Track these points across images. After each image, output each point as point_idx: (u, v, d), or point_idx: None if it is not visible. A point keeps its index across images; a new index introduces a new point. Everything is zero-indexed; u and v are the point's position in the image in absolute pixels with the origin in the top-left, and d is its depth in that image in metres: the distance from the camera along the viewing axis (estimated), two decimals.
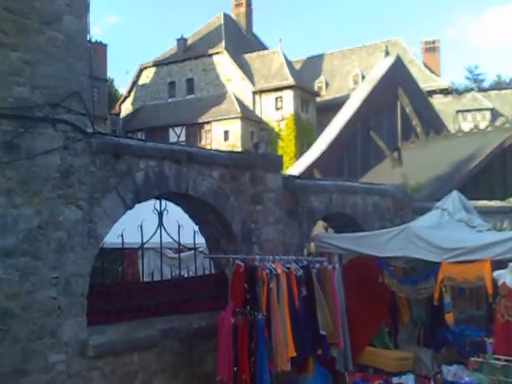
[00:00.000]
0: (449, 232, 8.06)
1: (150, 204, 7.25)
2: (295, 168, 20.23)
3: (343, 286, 8.26)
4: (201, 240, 8.23)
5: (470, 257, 7.26)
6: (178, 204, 7.69)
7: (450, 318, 10.11)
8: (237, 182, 7.65)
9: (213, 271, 8.31)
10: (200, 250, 8.45)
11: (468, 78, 53.32)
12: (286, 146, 37.64)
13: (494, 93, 43.71)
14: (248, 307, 6.68)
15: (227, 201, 7.51)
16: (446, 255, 7.44)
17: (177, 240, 7.70)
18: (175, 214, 7.70)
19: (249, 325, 6.59)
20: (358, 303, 8.43)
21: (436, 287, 7.75)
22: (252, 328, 6.56)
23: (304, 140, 36.52)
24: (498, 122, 23.55)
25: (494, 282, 7.49)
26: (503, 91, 44.41)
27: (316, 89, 43.42)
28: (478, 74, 53.54)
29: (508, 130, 16.47)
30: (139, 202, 6.64)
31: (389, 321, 9.18)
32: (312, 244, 9.67)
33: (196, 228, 8.03)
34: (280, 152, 36.94)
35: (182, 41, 43.33)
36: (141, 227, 7.15)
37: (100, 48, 41.03)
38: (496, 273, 7.38)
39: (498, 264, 7.78)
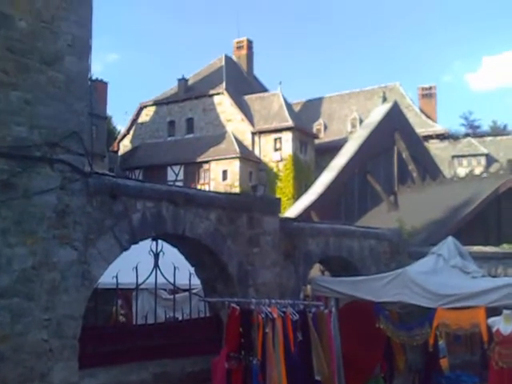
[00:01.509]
0: (444, 278, 8.05)
1: (146, 244, 7.23)
2: (293, 210, 20.25)
3: (339, 330, 8.19)
4: (196, 282, 8.18)
5: (465, 303, 7.24)
6: (174, 245, 7.67)
7: (444, 363, 10.03)
8: (234, 225, 7.66)
9: (208, 314, 8.22)
10: (195, 292, 8.38)
11: (463, 125, 54.08)
12: (284, 186, 37.80)
13: (489, 139, 44.19)
14: (243, 352, 6.62)
15: (224, 243, 7.50)
16: (440, 301, 7.43)
17: (172, 282, 7.65)
18: (171, 255, 7.67)
19: (243, 370, 6.52)
20: (354, 347, 8.35)
21: (431, 333, 7.71)
22: (246, 373, 6.49)
23: (302, 181, 36.71)
24: (493, 168, 23.77)
25: (489, 328, 7.46)
26: (498, 137, 44.92)
27: (315, 131, 43.91)
28: (473, 120, 54.30)
29: (503, 176, 16.59)
30: (135, 242, 6.62)
31: (384, 366, 9.09)
32: (309, 287, 9.63)
33: (192, 270, 7.98)
34: (278, 193, 37.08)
35: (182, 81, 44.00)
36: (136, 269, 7.11)
37: (100, 86, 41.60)
38: (490, 320, 7.35)
39: (493, 311, 7.75)
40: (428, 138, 40.09)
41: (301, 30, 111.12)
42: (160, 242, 7.39)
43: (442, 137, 42.60)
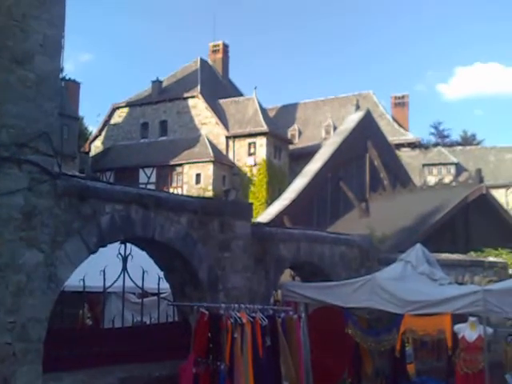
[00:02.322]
0: (411, 284, 8.17)
1: (115, 247, 7.15)
2: (265, 215, 20.27)
3: (308, 335, 8.22)
4: (166, 286, 8.12)
5: (431, 310, 7.35)
6: (143, 249, 7.60)
7: (411, 369, 10.17)
8: (205, 229, 7.63)
9: (176, 318, 8.17)
10: (164, 296, 8.32)
11: (433, 134, 54.98)
12: (257, 191, 37.84)
13: (459, 148, 45.05)
14: (211, 357, 6.58)
15: (194, 247, 7.46)
16: (408, 308, 7.53)
17: (140, 285, 7.57)
18: (140, 259, 7.60)
19: (210, 375, 6.48)
20: (322, 353, 8.40)
21: (398, 339, 7.81)
22: (214, 378, 6.45)
23: (276, 186, 36.81)
24: (462, 177, 24.21)
25: (454, 335, 7.60)
26: (468, 147, 45.82)
27: (289, 136, 44.10)
28: (443, 130, 55.24)
29: (471, 185, 16.91)
30: (103, 246, 6.54)
31: (352, 371, 9.15)
32: (279, 292, 9.64)
33: (161, 274, 7.92)
34: (251, 197, 37.09)
35: (157, 83, 43.74)
36: (103, 272, 7.03)
37: (72, 86, 41.05)
38: (456, 326, 7.51)
39: (459, 317, 7.90)
40: (400, 146, 40.63)
41: (277, 36, 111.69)
42: (129, 245, 7.31)
43: (413, 145, 43.22)
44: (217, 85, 44.87)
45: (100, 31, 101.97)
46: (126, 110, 44.24)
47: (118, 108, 44.61)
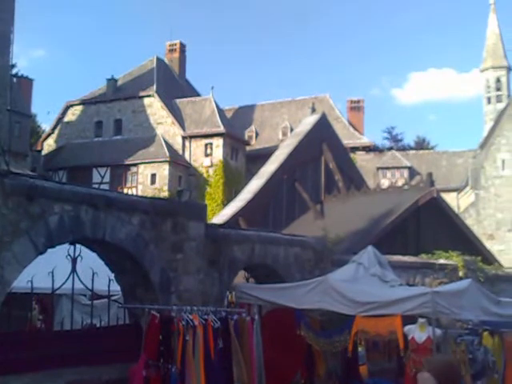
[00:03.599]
0: (363, 286, 8.26)
1: (65, 248, 6.98)
2: (220, 216, 20.19)
3: (261, 337, 8.22)
4: (117, 288, 7.97)
5: (382, 311, 7.45)
6: (93, 250, 7.44)
7: (363, 370, 10.32)
8: (157, 230, 7.54)
9: (128, 321, 8.03)
10: (115, 298, 8.17)
11: (387, 138, 56.10)
12: (214, 192, 37.72)
13: (412, 152, 46.04)
14: (162, 359, 6.52)
15: (146, 248, 7.36)
16: (359, 309, 7.61)
17: (90, 287, 7.42)
18: (90, 261, 7.44)
19: (161, 378, 6.41)
20: (275, 354, 8.41)
21: (350, 340, 7.89)
22: (164, 381, 6.38)
23: (232, 187, 36.77)
24: (414, 181, 24.75)
25: (405, 336, 7.73)
26: (421, 151, 46.91)
27: (246, 138, 44.16)
28: (396, 134, 56.45)
29: (422, 189, 17.25)
30: (52, 246, 6.38)
31: (304, 373, 9.19)
32: (233, 294, 9.61)
33: (112, 275, 7.78)
34: (208, 198, 36.94)
35: (112, 81, 43.07)
36: (52, 273, 6.85)
37: (25, 82, 39.94)
38: (406, 328, 7.64)
39: (410, 319, 8.04)
40: (355, 149, 41.24)
41: (235, 37, 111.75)
42: (79, 246, 7.15)
43: (368, 149, 43.94)
44: (173, 84, 44.52)
45: (55, 27, 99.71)
46: (80, 107, 43.38)
47: (71, 106, 43.71)
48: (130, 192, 34.56)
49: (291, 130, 40.50)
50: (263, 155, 33.59)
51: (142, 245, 7.30)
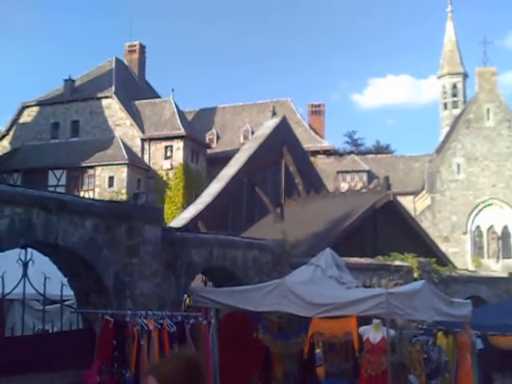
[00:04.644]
0: (320, 288, 8.33)
1: (16, 253, 6.79)
2: (179, 219, 20.03)
3: (218, 340, 8.18)
4: (70, 292, 7.81)
5: (338, 312, 7.53)
6: (46, 254, 7.27)
7: (320, 371, 10.39)
8: (112, 233, 7.42)
9: (81, 326, 7.87)
10: (68, 303, 8.00)
11: (347, 142, 56.87)
12: (174, 195, 37.40)
13: (371, 156, 46.80)
14: (115, 364, 6.44)
15: (100, 252, 7.23)
16: (316, 311, 7.66)
17: (42, 292, 7.23)
18: (42, 265, 7.25)
19: (115, 383, 6.30)
20: (233, 358, 8.39)
21: (306, 342, 7.94)
22: None
23: (193, 191, 36.52)
24: (372, 185, 25.12)
25: (360, 337, 7.83)
26: (379, 155, 47.73)
27: (207, 141, 43.98)
28: (357, 139, 57.31)
29: (379, 192, 17.56)
30: (2, 250, 6.20)
31: (262, 375, 9.19)
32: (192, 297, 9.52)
33: (65, 280, 7.61)
34: (168, 201, 36.59)
35: (69, 81, 42.25)
36: (2, 278, 6.65)
37: None
38: (361, 328, 7.74)
39: (365, 320, 8.15)
40: (316, 153, 41.64)
41: (196, 39, 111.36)
42: (30, 250, 6.96)
43: (328, 153, 44.41)
44: (132, 86, 44.00)
45: (11, 25, 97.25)
46: (35, 108, 42.40)
47: (27, 107, 42.66)
48: (86, 195, 33.95)
49: (252, 133, 40.56)
50: (224, 158, 33.53)
51: (96, 249, 7.17)
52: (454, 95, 45.24)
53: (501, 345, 10.50)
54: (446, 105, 45.67)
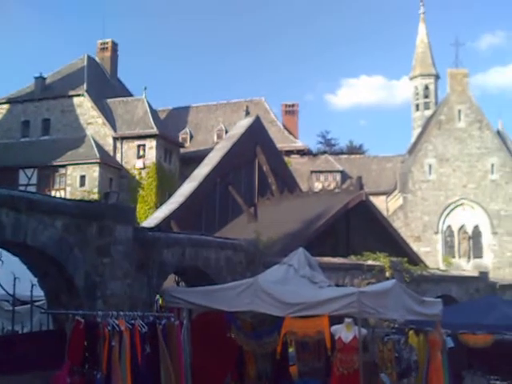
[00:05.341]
0: (293, 287, 8.36)
1: None
2: (152, 219, 19.89)
3: (191, 340, 8.15)
4: (41, 293, 7.69)
5: (310, 312, 7.56)
6: (15, 254, 7.14)
7: (294, 370, 10.44)
8: (82, 233, 7.34)
9: (51, 327, 7.75)
10: (38, 304, 7.88)
11: (321, 143, 57.20)
12: (146, 195, 37.09)
13: (344, 157, 47.19)
14: (86, 366, 6.40)
15: (70, 252, 7.15)
16: (288, 310, 7.68)
17: (11, 293, 7.11)
18: (12, 265, 7.13)
19: None
20: (206, 358, 8.38)
21: (279, 341, 7.96)
22: None
23: (166, 190, 36.27)
24: (345, 185, 25.35)
25: (332, 336, 7.87)
26: (352, 156, 48.18)
27: (180, 140, 43.72)
28: (330, 139, 57.68)
29: (352, 192, 17.73)
30: None
31: (235, 375, 9.19)
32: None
33: (35, 280, 7.49)
34: (140, 201, 36.26)
35: (40, 79, 41.52)
36: None
37: None
38: (333, 328, 7.79)
39: (338, 319, 8.20)
40: (290, 153, 41.78)
41: (169, 37, 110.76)
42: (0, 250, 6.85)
43: (302, 152, 44.59)
44: (104, 84, 43.48)
45: None
46: (5, 106, 41.59)
47: None
48: (58, 194, 33.45)
49: (226, 132, 40.50)
50: (198, 158, 33.38)
51: (66, 249, 7.08)
52: (426, 96, 45.86)
53: (471, 343, 10.66)
54: (417, 106, 46.28)
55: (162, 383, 6.93)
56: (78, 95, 39.78)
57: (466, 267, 32.31)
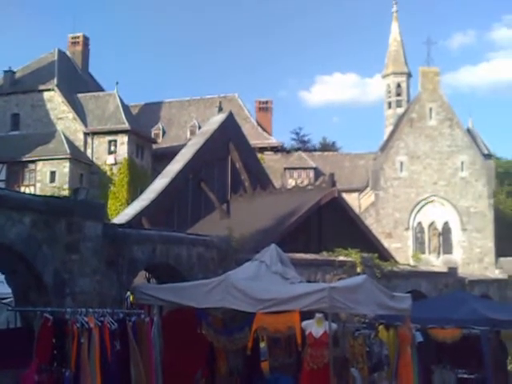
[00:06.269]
0: (264, 283, 8.38)
1: None
2: (122, 215, 19.70)
3: (162, 337, 8.10)
4: (8, 290, 7.57)
5: (281, 307, 7.59)
6: None
7: (265, 366, 10.46)
8: (51, 229, 7.23)
9: (19, 325, 7.64)
10: (5, 301, 7.76)
11: (294, 139, 57.40)
12: (118, 191, 36.74)
13: (317, 153, 47.49)
14: (55, 363, 6.33)
15: (39, 249, 7.04)
16: (259, 306, 7.70)
17: None
18: None
19: (54, 382, 6.20)
20: (177, 355, 8.35)
21: (250, 337, 7.98)
22: None
23: (138, 186, 35.95)
24: (318, 181, 25.47)
25: (303, 331, 7.92)
26: (326, 153, 48.50)
27: (153, 136, 43.39)
28: (303, 136, 57.91)
29: (325, 189, 17.82)
30: None
31: (206, 372, 9.17)
32: None
33: (2, 277, 7.38)
34: (111, 197, 35.92)
35: (9, 73, 40.80)
36: None
37: None
38: (304, 323, 7.84)
39: (309, 314, 8.25)
40: (263, 149, 41.84)
41: (141, 32, 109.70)
42: None
43: (275, 149, 44.69)
44: (75, 78, 42.88)
45: None
46: None
47: None
48: (27, 190, 32.93)
49: (199, 128, 40.30)
50: (170, 154, 33.13)
51: (35, 245, 6.98)
52: (398, 94, 46.37)
53: (439, 338, 10.84)
54: (390, 104, 46.77)
55: (133, 380, 6.88)
56: (49, 90, 39.19)
57: (435, 263, 32.82)
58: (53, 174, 35.93)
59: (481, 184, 36.00)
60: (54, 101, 39.02)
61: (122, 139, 37.66)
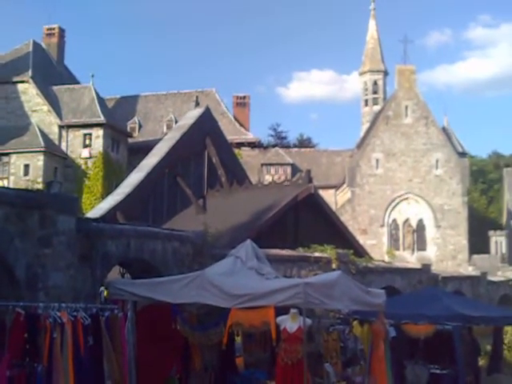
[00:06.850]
0: (240, 279, 8.35)
1: None
2: (97, 210, 19.51)
3: (136, 332, 8.05)
4: None
5: (256, 303, 7.59)
6: None
7: (240, 361, 10.47)
8: (24, 223, 7.13)
9: None
10: None
11: (272, 135, 57.46)
12: (92, 185, 36.32)
13: (294, 150, 47.64)
14: (27, 358, 6.29)
15: (11, 243, 6.95)
16: (234, 301, 7.69)
17: None
18: None
19: (26, 377, 6.16)
20: (151, 350, 8.30)
21: (225, 332, 7.97)
22: (30, 381, 6.14)
23: (113, 180, 35.58)
24: (295, 178, 25.56)
25: (278, 326, 7.94)
26: (303, 149, 48.66)
27: (128, 129, 42.98)
28: (281, 132, 58.02)
29: (301, 185, 17.91)
30: None
31: (180, 367, 9.14)
32: None
33: None
34: (86, 191, 35.52)
35: None
36: None
37: None
38: (279, 318, 7.84)
39: (285, 310, 8.26)
40: (240, 145, 41.77)
41: (118, 25, 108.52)
42: None
43: (253, 145, 44.69)
44: (51, 70, 42.22)
45: None
46: None
47: None
48: (0, 183, 32.36)
49: (176, 122, 40.05)
50: (146, 148, 32.86)
51: (7, 239, 6.88)
52: (375, 92, 46.74)
53: (413, 333, 10.96)
54: (366, 101, 47.12)
55: (106, 376, 6.84)
56: (23, 82, 38.54)
57: (410, 259, 33.23)
58: (27, 167, 35.38)
59: (455, 182, 36.52)
60: (29, 93, 38.38)
61: (98, 133, 37.22)
